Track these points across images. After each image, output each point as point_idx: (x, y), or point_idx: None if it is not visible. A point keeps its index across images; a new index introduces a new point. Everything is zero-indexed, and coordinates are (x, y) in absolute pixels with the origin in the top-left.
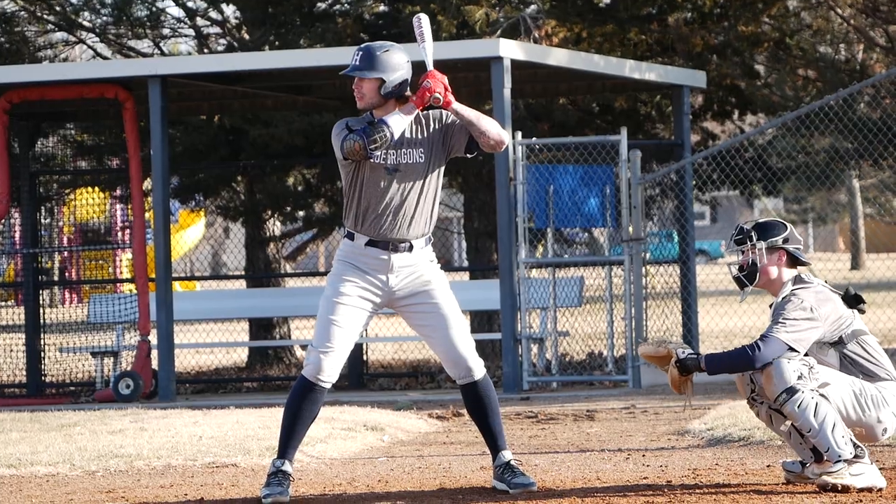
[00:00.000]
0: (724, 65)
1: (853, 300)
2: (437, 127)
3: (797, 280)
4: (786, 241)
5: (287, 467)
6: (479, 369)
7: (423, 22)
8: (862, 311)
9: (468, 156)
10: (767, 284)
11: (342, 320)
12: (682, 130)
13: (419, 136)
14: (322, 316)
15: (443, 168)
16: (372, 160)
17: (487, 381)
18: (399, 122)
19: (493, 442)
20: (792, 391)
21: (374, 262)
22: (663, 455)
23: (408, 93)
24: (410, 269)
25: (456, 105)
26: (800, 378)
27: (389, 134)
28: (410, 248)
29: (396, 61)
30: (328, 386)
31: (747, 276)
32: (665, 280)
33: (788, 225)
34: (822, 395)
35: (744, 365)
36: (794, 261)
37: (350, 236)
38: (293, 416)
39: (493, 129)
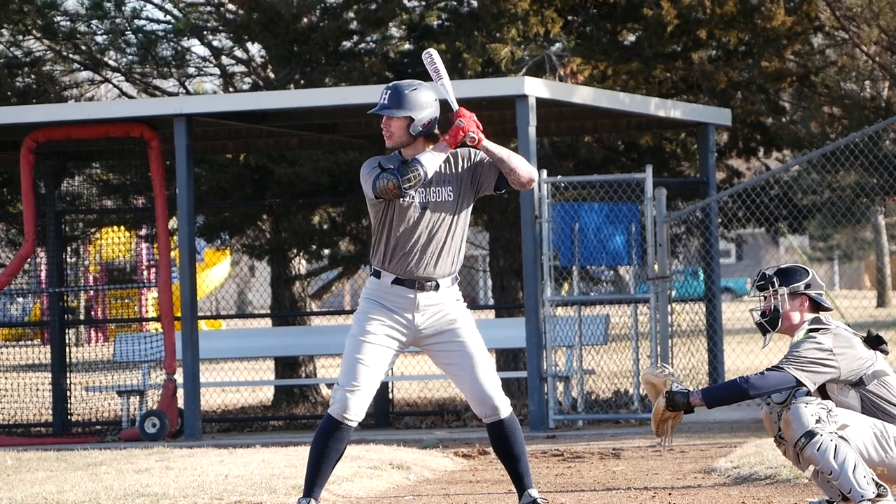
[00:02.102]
0: (748, 101)
1: (874, 341)
2: (466, 165)
3: (814, 322)
4: (808, 286)
5: None
6: (505, 408)
7: (434, 58)
8: (885, 353)
9: (496, 193)
10: (789, 330)
11: (368, 359)
12: (707, 168)
13: (449, 174)
14: (348, 355)
15: (471, 206)
16: (403, 199)
17: (514, 419)
18: (432, 161)
19: (520, 481)
20: (811, 435)
21: (400, 300)
22: (689, 493)
23: (436, 131)
24: (436, 308)
25: (486, 143)
26: (818, 422)
27: (423, 173)
28: (437, 287)
29: (425, 100)
30: (354, 425)
31: (769, 322)
32: (691, 318)
33: (811, 270)
34: (841, 437)
35: (741, 396)
36: (816, 306)
37: (377, 274)
38: (319, 454)
39: (523, 167)
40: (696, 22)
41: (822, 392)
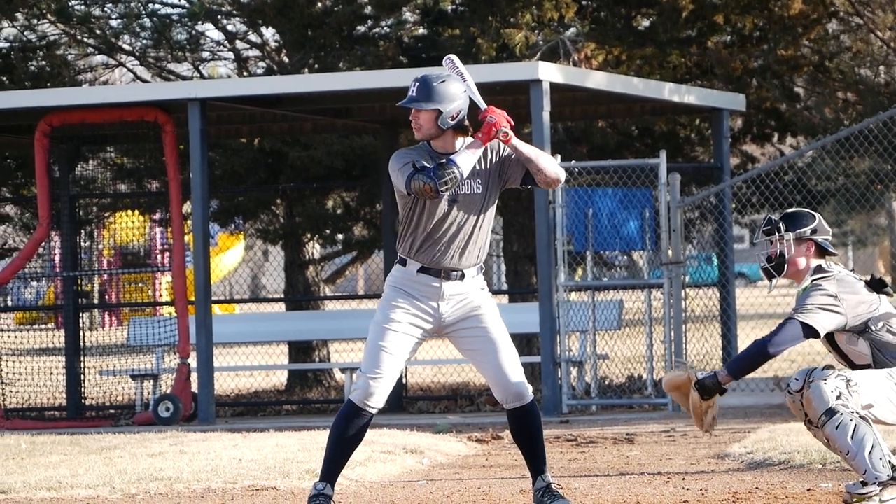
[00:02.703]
0: (763, 87)
1: (878, 284)
2: (495, 158)
3: (818, 269)
4: (814, 231)
5: (329, 491)
6: (528, 395)
7: (456, 62)
8: (888, 295)
9: (521, 188)
10: (795, 275)
11: (391, 346)
12: (721, 153)
13: (478, 167)
14: (372, 341)
15: (497, 199)
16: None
17: (534, 406)
18: (467, 161)
19: (535, 466)
20: (831, 412)
21: (425, 288)
22: (703, 478)
23: (466, 123)
24: (461, 297)
25: (516, 141)
26: (839, 397)
27: (459, 174)
28: (462, 277)
29: (453, 92)
30: (375, 411)
31: (775, 267)
32: (704, 303)
33: (817, 215)
34: (861, 417)
35: (762, 357)
36: (822, 252)
37: (402, 262)
38: (338, 440)
39: (551, 167)
40: (712, 7)
41: (833, 345)
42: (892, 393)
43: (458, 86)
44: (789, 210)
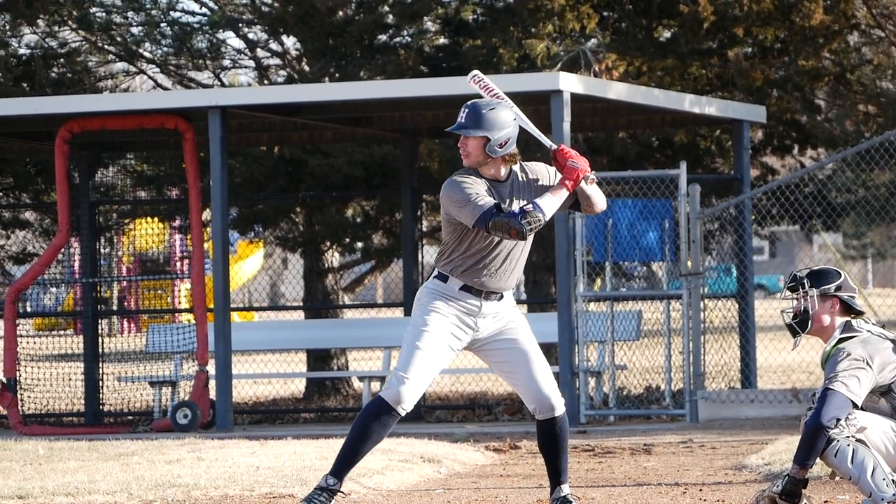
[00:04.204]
0: (784, 99)
1: None
2: (544, 184)
3: (846, 328)
4: (839, 288)
5: (338, 486)
6: (560, 406)
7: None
8: None
9: (567, 212)
10: (820, 332)
11: (430, 350)
12: (741, 165)
13: (528, 192)
14: (410, 343)
15: None
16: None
17: (565, 418)
18: (552, 205)
19: (556, 477)
20: (828, 441)
21: (464, 304)
22: (720, 490)
23: (513, 150)
24: (495, 315)
25: (593, 182)
26: (835, 427)
27: (544, 220)
28: (500, 298)
29: (503, 119)
30: (403, 414)
31: (800, 324)
32: (723, 314)
33: (843, 273)
34: (858, 441)
35: (820, 435)
36: (847, 309)
37: (443, 278)
38: (361, 435)
39: (601, 202)
40: (733, 19)
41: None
42: (890, 435)
43: (507, 113)
44: (815, 267)
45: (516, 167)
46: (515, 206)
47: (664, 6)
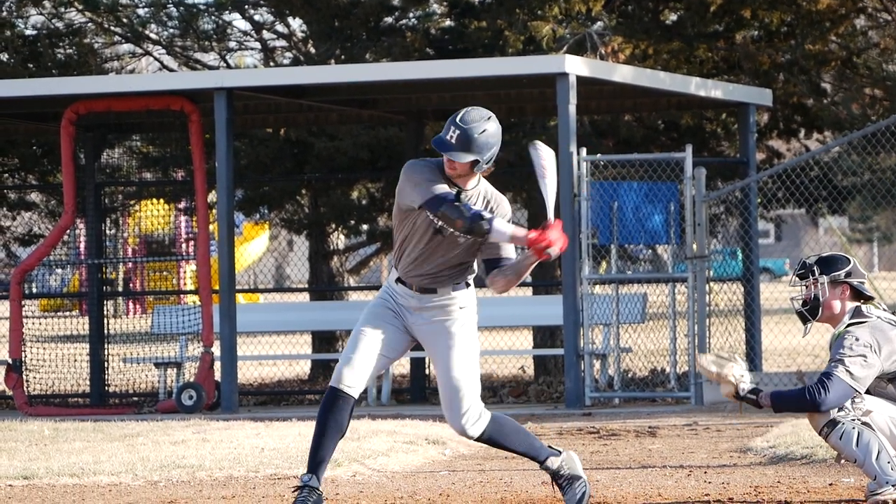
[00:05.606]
0: (790, 83)
1: None
2: (491, 210)
3: (855, 314)
4: (849, 275)
5: (313, 482)
6: (469, 431)
7: (541, 152)
8: None
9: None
10: (830, 319)
11: (369, 332)
12: (747, 148)
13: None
14: (354, 329)
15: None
16: (433, 219)
17: (491, 430)
18: (501, 231)
19: (535, 460)
20: (833, 423)
21: (399, 297)
22: (725, 472)
23: (489, 167)
24: (433, 312)
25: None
26: (840, 410)
27: (487, 235)
28: (435, 292)
29: (493, 141)
30: (352, 394)
31: (810, 311)
32: (729, 297)
33: (852, 259)
34: (864, 423)
35: (810, 408)
36: (857, 295)
37: (394, 267)
38: (319, 425)
39: (507, 286)
40: (739, 2)
41: None
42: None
43: (496, 132)
44: (824, 254)
45: (483, 183)
46: None
47: None
